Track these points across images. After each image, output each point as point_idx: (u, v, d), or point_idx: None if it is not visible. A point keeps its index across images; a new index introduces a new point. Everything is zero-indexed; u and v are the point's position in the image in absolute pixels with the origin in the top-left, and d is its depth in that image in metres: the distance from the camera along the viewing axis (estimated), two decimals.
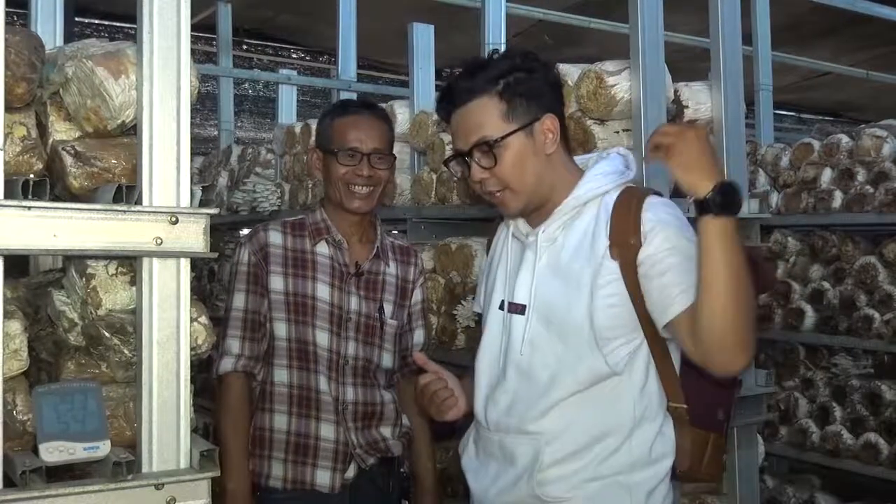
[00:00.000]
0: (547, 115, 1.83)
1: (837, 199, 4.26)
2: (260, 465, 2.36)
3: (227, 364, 2.34)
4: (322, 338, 2.35)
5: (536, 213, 1.88)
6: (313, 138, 3.88)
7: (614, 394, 1.79)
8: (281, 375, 2.36)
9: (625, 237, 1.75)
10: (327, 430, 2.33)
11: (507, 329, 1.90)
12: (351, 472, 2.35)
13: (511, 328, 1.88)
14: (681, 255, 1.71)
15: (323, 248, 2.40)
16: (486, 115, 1.83)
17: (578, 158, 1.96)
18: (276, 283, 2.36)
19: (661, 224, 1.74)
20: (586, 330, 1.78)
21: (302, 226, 2.43)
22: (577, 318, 1.78)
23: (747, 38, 4.61)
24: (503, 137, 1.81)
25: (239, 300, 2.37)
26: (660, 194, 1.87)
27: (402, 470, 2.52)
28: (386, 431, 2.42)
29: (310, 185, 4.27)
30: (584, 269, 1.79)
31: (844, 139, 4.35)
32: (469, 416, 2.01)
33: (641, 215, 1.75)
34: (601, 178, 1.85)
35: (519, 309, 1.87)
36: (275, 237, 2.40)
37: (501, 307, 1.92)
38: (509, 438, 1.87)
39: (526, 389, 1.84)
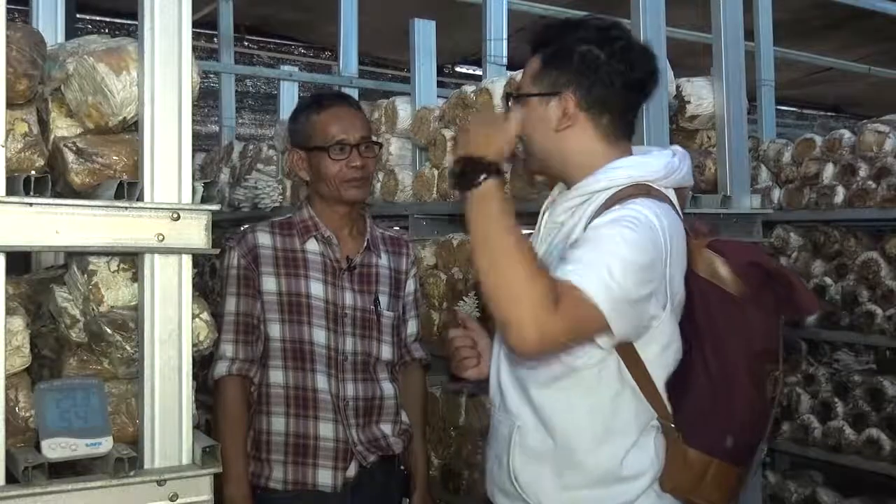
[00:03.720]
0: (567, 94, 1.77)
1: (839, 194, 4.25)
2: (260, 468, 2.35)
3: (221, 368, 2.33)
4: (319, 335, 2.34)
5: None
6: None
7: (581, 400, 1.71)
8: (276, 377, 2.35)
9: None
10: (326, 429, 2.33)
11: None
12: (352, 471, 2.35)
13: None
14: (588, 243, 1.61)
15: (313, 246, 2.40)
16: (527, 71, 1.85)
17: (638, 148, 1.89)
18: (269, 284, 2.35)
19: (606, 220, 1.64)
20: None
21: (290, 225, 2.43)
22: None
23: (749, 34, 4.59)
24: (517, 96, 1.84)
25: (231, 304, 2.36)
26: (670, 202, 1.75)
27: (402, 468, 2.52)
28: (386, 428, 2.42)
29: None
30: (557, 259, 1.73)
31: (846, 135, 4.34)
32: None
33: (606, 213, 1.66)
34: (613, 172, 1.75)
35: None
36: (264, 238, 2.39)
37: None
38: (497, 414, 1.87)
39: (509, 370, 1.83)
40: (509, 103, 1.89)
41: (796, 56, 7.42)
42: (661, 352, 1.72)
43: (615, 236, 1.60)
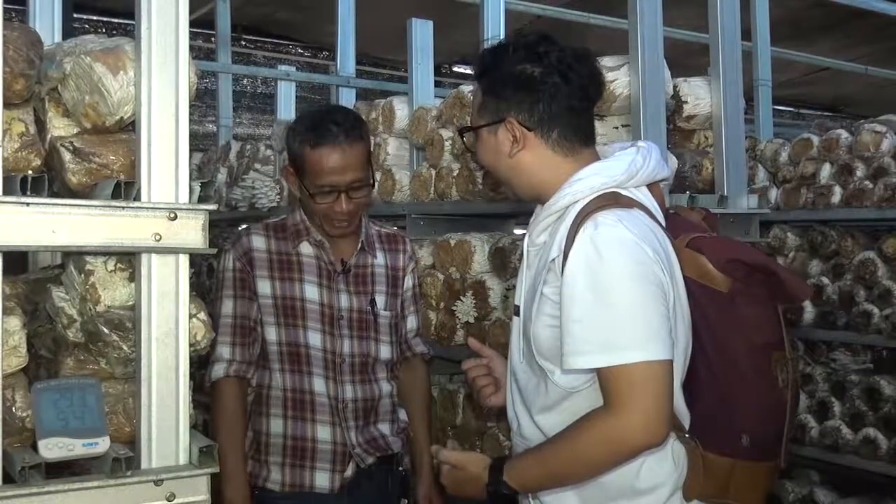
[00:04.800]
0: (511, 119, 1.75)
1: (837, 194, 4.26)
2: (258, 468, 2.36)
3: (218, 370, 2.32)
4: (315, 339, 2.33)
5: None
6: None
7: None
8: (275, 379, 2.35)
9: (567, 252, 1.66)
10: (324, 432, 2.33)
11: (512, 330, 1.88)
12: (350, 473, 2.35)
13: (512, 330, 1.87)
14: (586, 306, 1.60)
15: (306, 249, 2.38)
16: (473, 103, 1.86)
17: (613, 146, 1.86)
18: (264, 287, 2.35)
19: (583, 260, 1.61)
20: (536, 344, 1.72)
21: (284, 227, 2.41)
22: (535, 335, 1.72)
23: (746, 34, 4.60)
24: (466, 129, 1.85)
25: (227, 306, 2.35)
26: (642, 208, 1.72)
27: (400, 468, 2.51)
28: (385, 428, 2.42)
29: None
30: (547, 281, 1.70)
31: (844, 134, 4.35)
32: None
33: (576, 235, 1.64)
34: (577, 185, 1.72)
35: (516, 310, 1.84)
36: (258, 242, 2.38)
37: (515, 309, 1.88)
38: (515, 438, 1.87)
39: (516, 395, 1.83)
40: (464, 138, 1.89)
41: (794, 56, 7.44)
42: None
43: (612, 284, 1.59)
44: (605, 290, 1.59)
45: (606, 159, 1.79)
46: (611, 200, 1.68)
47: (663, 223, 1.77)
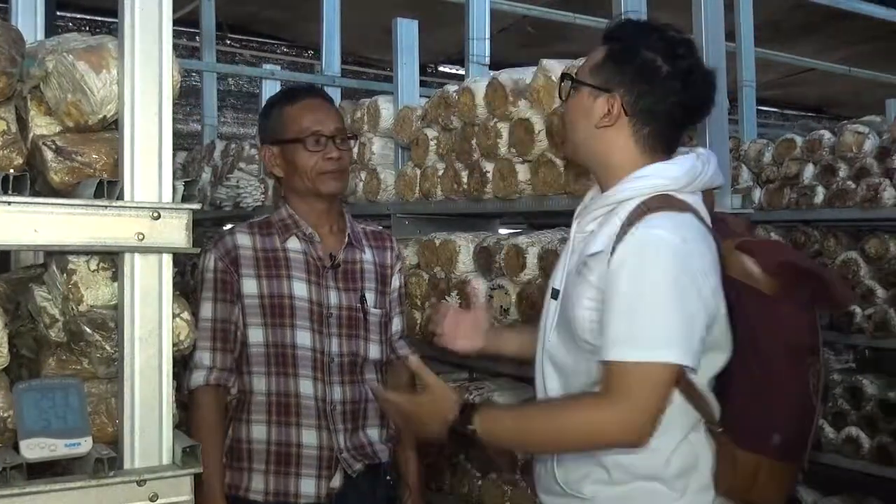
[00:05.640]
0: (617, 95, 1.76)
1: (820, 194, 4.29)
2: (239, 479, 2.27)
3: (198, 378, 2.23)
4: (303, 338, 2.26)
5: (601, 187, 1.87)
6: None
7: None
8: (259, 384, 2.26)
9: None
10: (309, 437, 2.25)
11: (547, 312, 1.90)
12: (337, 481, 2.27)
13: (548, 312, 1.89)
14: (622, 302, 1.64)
15: (294, 244, 2.32)
16: (589, 59, 1.85)
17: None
18: (250, 286, 2.27)
19: (629, 257, 1.65)
20: (578, 329, 1.75)
21: (269, 224, 2.35)
22: (576, 316, 1.75)
23: (730, 35, 4.62)
24: (568, 78, 1.85)
25: (207, 310, 2.26)
26: (694, 212, 1.73)
27: (388, 478, 2.45)
28: (373, 434, 2.35)
29: None
30: (592, 268, 1.73)
31: (826, 135, 4.38)
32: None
33: (627, 233, 1.68)
34: (638, 182, 1.75)
35: (555, 294, 1.87)
36: (243, 239, 2.31)
37: (553, 293, 1.91)
38: None
39: (551, 374, 1.85)
40: (562, 83, 1.89)
41: (777, 57, 7.49)
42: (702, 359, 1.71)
43: (646, 287, 1.63)
44: (639, 291, 1.63)
45: (667, 161, 1.80)
46: (665, 202, 1.71)
47: (711, 228, 1.79)
